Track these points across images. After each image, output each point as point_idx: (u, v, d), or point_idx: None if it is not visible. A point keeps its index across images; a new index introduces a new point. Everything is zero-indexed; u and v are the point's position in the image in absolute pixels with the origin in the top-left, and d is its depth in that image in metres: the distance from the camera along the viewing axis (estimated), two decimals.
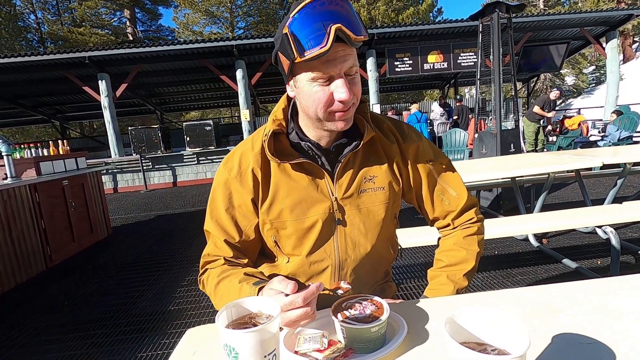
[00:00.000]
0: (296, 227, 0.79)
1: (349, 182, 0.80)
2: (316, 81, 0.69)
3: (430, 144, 0.89)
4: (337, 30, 0.63)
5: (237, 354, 0.41)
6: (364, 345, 0.57)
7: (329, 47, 0.63)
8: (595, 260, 2.53)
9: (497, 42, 4.00)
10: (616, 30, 9.15)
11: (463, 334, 0.39)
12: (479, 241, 0.89)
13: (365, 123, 0.79)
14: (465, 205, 0.88)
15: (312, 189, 0.79)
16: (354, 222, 0.81)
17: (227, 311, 0.46)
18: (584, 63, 21.07)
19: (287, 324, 0.57)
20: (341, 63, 0.67)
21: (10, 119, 12.84)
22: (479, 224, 0.91)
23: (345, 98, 0.68)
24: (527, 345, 0.34)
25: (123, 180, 8.70)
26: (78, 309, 2.45)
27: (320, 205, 0.79)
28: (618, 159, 2.53)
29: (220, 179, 0.83)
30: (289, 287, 0.58)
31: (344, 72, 0.68)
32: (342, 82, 0.68)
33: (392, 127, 0.86)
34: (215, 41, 8.13)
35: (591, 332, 0.57)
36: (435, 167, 0.87)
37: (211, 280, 0.77)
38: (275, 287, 0.60)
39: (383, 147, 0.84)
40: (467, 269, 0.85)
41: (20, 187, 3.09)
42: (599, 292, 0.70)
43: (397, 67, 8.83)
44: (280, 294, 0.58)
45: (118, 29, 21.65)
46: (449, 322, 0.39)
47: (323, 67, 0.67)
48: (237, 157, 0.82)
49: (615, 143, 5.98)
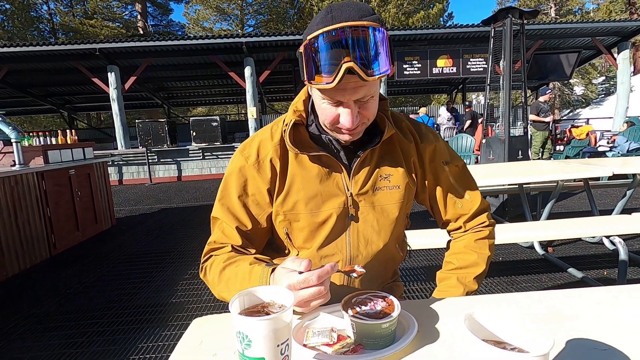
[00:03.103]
0: (310, 220, 0.78)
1: (365, 179, 0.79)
2: (325, 100, 0.68)
3: (446, 145, 0.88)
4: (349, 69, 0.61)
5: (250, 341, 0.40)
6: (374, 341, 0.56)
7: (334, 85, 0.62)
8: (601, 271, 2.50)
9: (509, 47, 3.97)
10: (628, 41, 9.07)
11: (481, 331, 0.38)
12: (490, 245, 0.88)
13: (386, 120, 0.78)
14: (478, 209, 0.88)
15: (328, 182, 0.78)
16: (368, 219, 0.80)
17: (239, 299, 0.45)
18: (594, 73, 20.90)
19: (300, 302, 0.56)
20: (350, 94, 0.66)
21: (20, 107, 12.95)
22: (491, 228, 0.90)
23: (348, 127, 0.68)
24: (551, 345, 0.33)
25: (128, 172, 8.75)
26: (80, 298, 2.46)
27: (335, 200, 0.78)
28: (628, 169, 2.50)
29: (235, 166, 0.81)
30: (302, 264, 0.57)
31: (353, 100, 0.67)
32: (349, 112, 0.67)
33: (411, 126, 0.86)
34: (225, 37, 8.16)
35: (605, 339, 0.56)
36: (450, 169, 0.86)
37: (216, 266, 0.75)
38: (289, 266, 0.59)
39: (401, 146, 0.83)
40: (477, 272, 0.84)
41: (27, 174, 3.12)
42: (612, 300, 0.69)
43: (406, 70, 8.81)
44: (294, 272, 0.57)
45: (129, 22, 21.78)
46: (468, 318, 0.38)
47: (332, 93, 0.66)
48: (256, 145, 0.80)
49: (624, 154, 5.92)
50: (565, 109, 21.02)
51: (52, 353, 1.83)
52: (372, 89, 0.68)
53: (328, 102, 0.68)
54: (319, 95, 0.69)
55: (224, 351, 0.58)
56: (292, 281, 0.55)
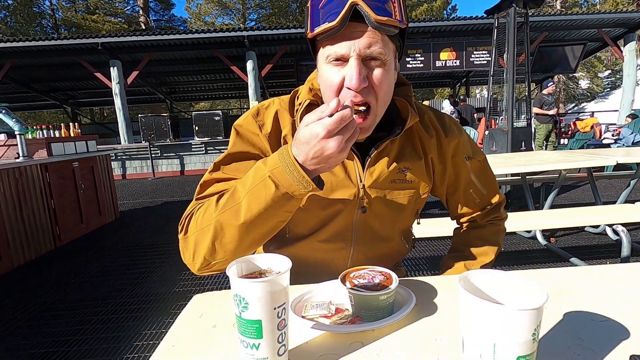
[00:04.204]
0: (316, 207, 0.73)
1: (381, 171, 0.73)
2: (330, 62, 0.62)
3: (469, 138, 0.84)
4: (354, 5, 0.56)
5: (247, 303, 0.40)
6: (372, 313, 0.56)
7: (336, 23, 0.57)
8: (604, 261, 2.49)
9: (513, 39, 3.93)
10: (635, 32, 8.94)
11: (477, 293, 0.38)
12: (500, 238, 0.87)
13: (409, 107, 0.72)
14: (495, 203, 0.87)
15: (340, 172, 0.72)
16: (377, 212, 0.76)
17: (237, 265, 0.46)
18: (600, 67, 20.66)
19: (341, 145, 0.51)
20: (353, 41, 0.58)
21: (24, 102, 13.01)
22: (503, 222, 0.90)
23: (353, 84, 0.59)
24: (545, 299, 0.34)
25: (131, 167, 8.79)
26: (85, 287, 2.49)
27: (346, 190, 0.73)
28: (632, 159, 2.48)
29: (246, 129, 0.72)
30: (330, 105, 0.50)
31: (362, 54, 0.59)
32: (354, 66, 0.59)
33: (434, 119, 0.80)
34: (226, 31, 8.13)
35: (603, 311, 0.56)
36: (472, 164, 0.83)
37: (202, 209, 0.64)
38: (309, 120, 0.52)
39: (421, 139, 0.78)
40: (485, 262, 0.83)
41: (31, 167, 3.14)
42: (611, 276, 0.69)
43: (409, 64, 8.74)
44: (321, 119, 0.51)
45: (131, 17, 21.77)
46: (463, 279, 0.39)
47: (337, 45, 0.60)
48: (271, 114, 0.73)
49: (629, 146, 5.86)
50: (570, 103, 20.84)
51: (58, 340, 1.86)
52: (384, 50, 0.60)
53: (333, 63, 0.62)
54: (324, 61, 0.63)
55: (223, 323, 0.58)
56: (325, 123, 0.50)
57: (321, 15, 0.59)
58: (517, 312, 0.32)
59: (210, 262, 0.64)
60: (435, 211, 3.81)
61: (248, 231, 0.60)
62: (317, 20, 0.60)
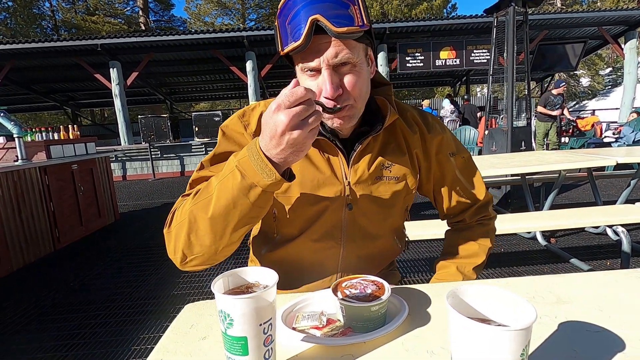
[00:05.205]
0: (303, 205, 0.74)
1: (366, 168, 0.75)
2: (305, 73, 0.65)
3: (453, 136, 0.85)
4: (315, 22, 0.58)
5: (232, 320, 0.40)
6: (363, 324, 0.55)
7: (302, 42, 0.59)
8: (604, 262, 2.48)
9: (512, 38, 3.91)
10: (635, 30, 8.89)
11: (466, 309, 0.37)
12: (491, 237, 0.88)
13: (389, 106, 0.74)
14: (482, 201, 0.87)
15: (326, 169, 0.74)
16: (364, 209, 0.77)
17: (223, 279, 0.45)
18: (601, 64, 20.59)
19: (297, 121, 0.51)
20: (321, 54, 0.61)
21: (24, 104, 13.03)
22: (492, 221, 0.90)
23: (328, 94, 0.62)
24: (534, 318, 0.33)
25: (132, 168, 8.79)
26: (83, 290, 2.49)
27: (332, 187, 0.74)
28: (632, 158, 2.46)
29: (232, 129, 0.73)
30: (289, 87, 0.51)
31: (331, 63, 0.62)
32: (327, 75, 0.62)
33: (417, 116, 0.82)
34: (226, 32, 8.12)
35: (599, 321, 0.55)
36: (456, 160, 0.84)
37: (184, 204, 0.64)
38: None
39: (404, 136, 0.79)
40: (477, 262, 0.84)
41: (30, 169, 3.14)
42: (607, 284, 0.68)
43: (409, 63, 8.71)
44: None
45: (130, 18, 21.77)
46: (451, 295, 0.38)
47: (307, 58, 0.63)
48: (257, 115, 0.74)
49: (629, 145, 5.84)
50: (571, 101, 20.78)
51: (57, 344, 1.85)
52: (353, 54, 0.63)
53: (307, 74, 0.65)
54: (300, 70, 0.66)
55: (214, 335, 0.58)
56: (279, 100, 0.50)
57: (289, 32, 0.62)
58: (505, 332, 0.31)
59: (188, 256, 0.64)
60: (431, 212, 3.80)
61: (217, 223, 0.59)
62: (286, 39, 0.63)
